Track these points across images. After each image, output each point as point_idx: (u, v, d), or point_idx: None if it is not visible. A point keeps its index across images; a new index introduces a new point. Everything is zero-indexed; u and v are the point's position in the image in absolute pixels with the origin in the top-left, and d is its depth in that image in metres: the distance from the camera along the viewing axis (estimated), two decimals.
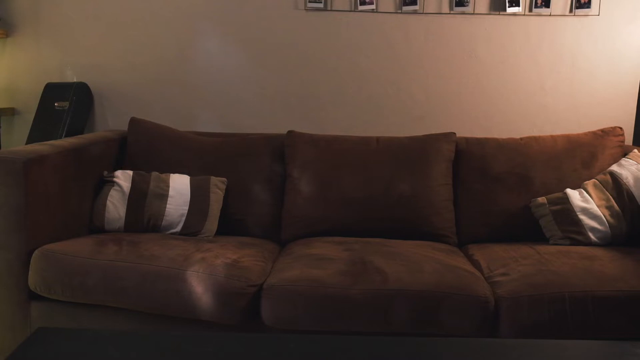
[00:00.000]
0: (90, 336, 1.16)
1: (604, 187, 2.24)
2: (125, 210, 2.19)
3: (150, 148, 2.45)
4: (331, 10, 2.69)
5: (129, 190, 2.21)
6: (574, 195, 2.22)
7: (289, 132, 2.51)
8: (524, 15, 2.65)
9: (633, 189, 2.20)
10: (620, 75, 2.67)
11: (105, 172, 2.28)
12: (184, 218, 2.21)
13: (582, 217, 2.17)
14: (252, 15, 2.71)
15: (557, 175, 2.35)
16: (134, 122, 2.50)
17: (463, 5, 2.64)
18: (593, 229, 2.16)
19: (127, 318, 1.87)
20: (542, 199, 2.27)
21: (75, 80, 2.77)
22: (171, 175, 2.31)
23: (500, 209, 2.33)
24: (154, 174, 2.30)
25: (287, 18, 2.70)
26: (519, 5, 2.63)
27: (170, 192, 2.24)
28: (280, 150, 2.47)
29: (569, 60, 2.68)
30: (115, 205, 2.19)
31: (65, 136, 2.59)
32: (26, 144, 2.62)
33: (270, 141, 2.49)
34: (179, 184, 2.27)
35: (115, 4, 2.73)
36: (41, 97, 2.72)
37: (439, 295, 1.76)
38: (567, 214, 2.19)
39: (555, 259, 1.96)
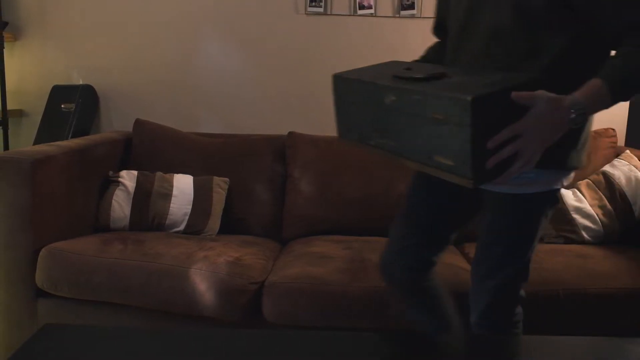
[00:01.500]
0: (95, 333, 1.17)
1: (597, 187, 2.26)
2: (130, 210, 2.20)
3: (154, 149, 2.47)
4: (331, 14, 2.71)
5: (133, 190, 2.23)
6: (568, 195, 2.24)
7: (290, 133, 2.53)
8: None
9: (625, 189, 2.22)
10: None
11: (111, 172, 2.30)
12: (187, 217, 2.23)
13: (575, 216, 2.20)
14: (254, 18, 2.73)
15: None
16: (138, 123, 2.52)
17: None
18: (586, 228, 2.18)
19: (132, 315, 1.89)
20: None
21: (81, 82, 2.79)
22: (175, 175, 2.33)
23: None
24: (158, 174, 2.32)
25: (287, 22, 2.73)
26: None
27: (174, 192, 2.26)
28: (282, 150, 2.49)
29: None
30: (121, 205, 2.21)
31: (72, 137, 2.61)
32: (33, 145, 2.64)
33: (272, 142, 2.51)
34: (183, 184, 2.30)
35: (119, 9, 2.76)
36: (48, 99, 2.73)
37: None
38: (561, 213, 2.20)
39: (550, 257, 1.98)
